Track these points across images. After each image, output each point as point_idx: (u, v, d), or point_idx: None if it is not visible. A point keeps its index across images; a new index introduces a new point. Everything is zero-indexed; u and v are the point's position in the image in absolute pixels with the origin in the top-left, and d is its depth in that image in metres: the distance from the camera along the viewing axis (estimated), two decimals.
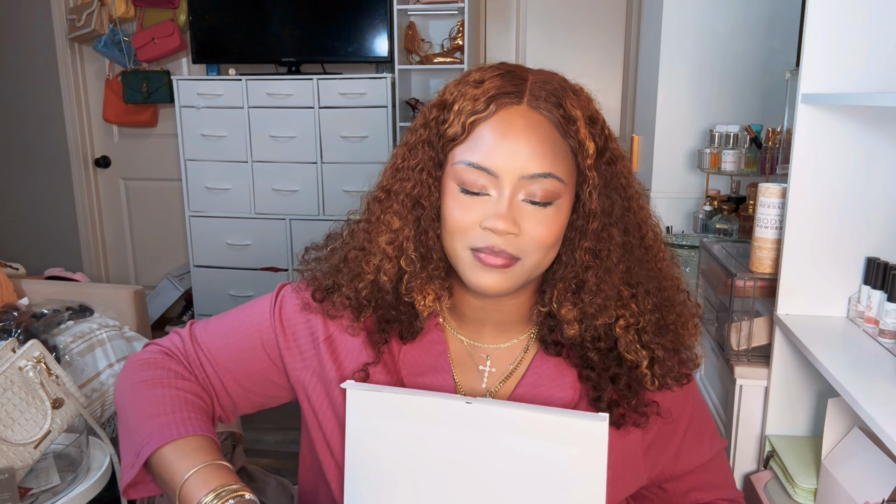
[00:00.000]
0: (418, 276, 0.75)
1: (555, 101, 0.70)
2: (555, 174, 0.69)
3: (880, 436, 0.91)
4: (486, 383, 0.81)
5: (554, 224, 0.71)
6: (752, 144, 2.12)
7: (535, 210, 0.70)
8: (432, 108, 0.75)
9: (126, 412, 0.80)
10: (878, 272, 1.23)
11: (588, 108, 0.72)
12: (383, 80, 3.04)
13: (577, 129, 0.70)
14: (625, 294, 0.74)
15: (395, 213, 0.75)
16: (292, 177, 3.20)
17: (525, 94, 0.70)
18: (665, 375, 0.76)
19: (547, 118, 0.70)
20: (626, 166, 0.75)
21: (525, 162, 0.68)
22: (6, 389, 1.33)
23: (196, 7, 3.22)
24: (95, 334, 2.17)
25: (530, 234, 0.70)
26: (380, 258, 0.76)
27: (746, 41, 2.27)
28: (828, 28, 1.23)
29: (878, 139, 1.25)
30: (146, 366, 0.83)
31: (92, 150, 3.81)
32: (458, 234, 0.71)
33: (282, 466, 2.54)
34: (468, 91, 0.71)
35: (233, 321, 0.86)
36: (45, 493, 1.35)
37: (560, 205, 0.71)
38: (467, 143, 0.70)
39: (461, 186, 0.70)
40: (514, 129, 0.69)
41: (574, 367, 0.78)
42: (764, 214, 1.40)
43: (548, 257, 0.73)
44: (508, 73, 0.72)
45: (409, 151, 0.75)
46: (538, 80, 0.72)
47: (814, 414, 1.40)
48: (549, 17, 3.34)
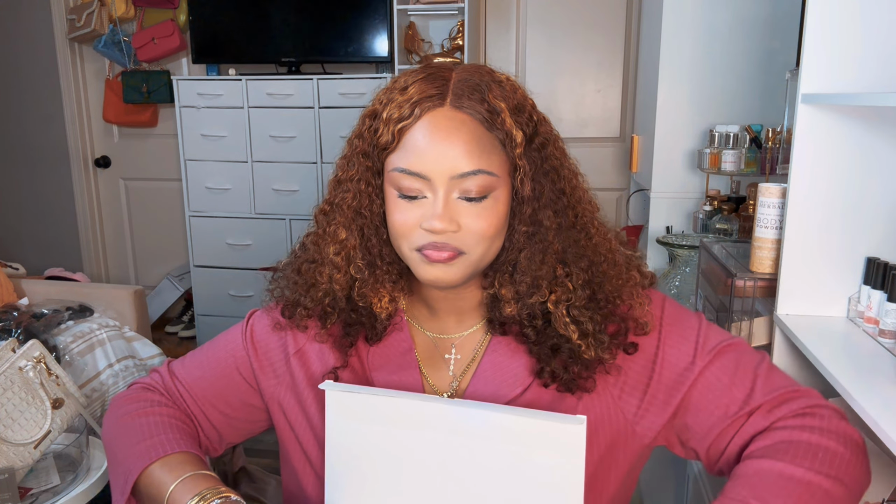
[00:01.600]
0: (367, 283, 0.79)
1: (478, 96, 0.72)
2: (484, 169, 0.71)
3: (880, 436, 0.92)
4: (453, 370, 0.83)
5: (492, 215, 0.73)
6: (752, 144, 2.12)
7: (471, 205, 0.72)
8: (364, 118, 0.78)
9: (113, 445, 0.84)
10: (878, 272, 1.24)
11: (513, 98, 0.74)
12: (383, 81, 3.04)
13: (502, 120, 0.72)
14: (559, 273, 0.77)
15: (339, 224, 0.79)
16: (292, 177, 3.20)
17: (448, 94, 0.72)
18: (602, 346, 0.77)
19: (471, 115, 0.71)
20: (559, 148, 0.78)
21: (453, 162, 0.70)
22: (6, 389, 1.33)
23: (196, 7, 3.22)
24: (95, 334, 2.17)
25: (470, 228, 0.72)
26: (330, 269, 0.80)
27: (746, 41, 2.27)
28: (828, 28, 1.23)
29: (878, 139, 1.25)
30: (128, 401, 0.88)
31: (92, 150, 3.81)
32: (402, 237, 0.75)
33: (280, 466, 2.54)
34: (395, 97, 0.73)
35: (207, 352, 0.92)
36: (45, 493, 1.36)
37: (496, 196, 0.73)
38: (398, 150, 0.73)
39: (399, 192, 0.74)
40: (440, 131, 0.71)
41: (522, 345, 0.81)
42: (764, 214, 1.40)
43: (493, 247, 0.76)
44: (431, 76, 0.74)
45: (348, 163, 0.79)
46: (461, 78, 0.74)
47: None
48: (549, 18, 3.34)
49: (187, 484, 0.74)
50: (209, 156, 3.26)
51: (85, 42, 3.59)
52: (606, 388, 0.79)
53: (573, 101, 3.39)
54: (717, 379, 0.78)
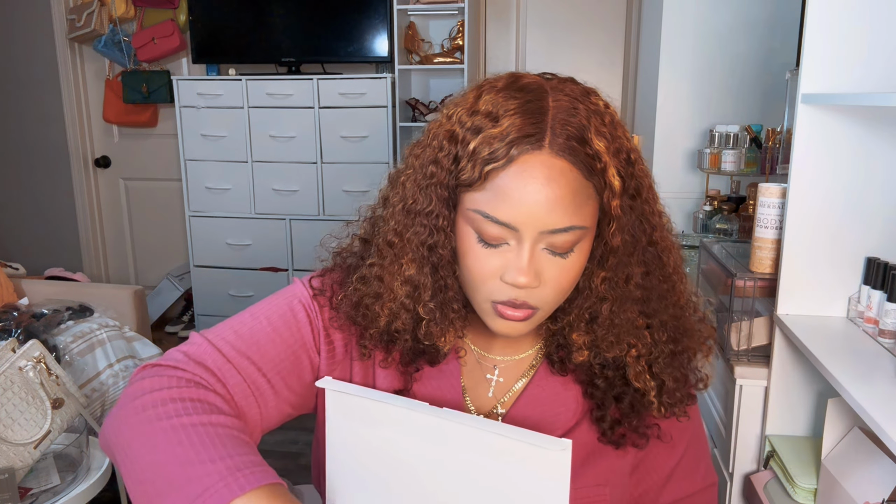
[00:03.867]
0: (437, 323, 0.72)
1: (579, 137, 0.63)
2: (577, 225, 0.64)
3: (880, 436, 0.91)
4: (493, 392, 0.79)
5: (574, 268, 0.67)
6: (752, 144, 2.12)
7: (554, 259, 0.66)
8: (443, 142, 0.68)
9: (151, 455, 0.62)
10: (878, 272, 1.24)
11: (612, 134, 0.66)
12: (383, 80, 3.04)
13: (603, 167, 0.64)
14: (640, 324, 0.71)
15: (410, 260, 0.70)
16: (292, 177, 3.20)
17: (546, 134, 0.63)
18: (673, 405, 0.74)
19: (571, 163, 0.63)
20: (651, 193, 0.71)
21: (548, 217, 0.63)
22: (6, 389, 1.33)
23: (196, 7, 3.22)
24: (95, 334, 2.17)
25: (551, 283, 0.67)
26: (396, 307, 0.72)
27: (746, 41, 2.27)
28: (828, 28, 1.23)
29: (878, 139, 1.25)
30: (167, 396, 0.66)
31: (92, 150, 3.81)
32: (476, 285, 0.68)
33: (282, 466, 2.54)
34: (483, 126, 0.64)
35: (260, 325, 0.76)
36: (45, 493, 1.36)
37: (581, 246, 0.67)
38: (484, 191, 0.64)
39: (478, 235, 0.66)
40: (536, 180, 0.62)
41: (579, 384, 0.77)
42: (764, 214, 1.40)
43: (566, 297, 0.71)
44: (527, 107, 0.64)
45: (421, 192, 0.69)
46: (559, 112, 0.64)
47: (814, 414, 1.40)
48: (549, 17, 3.34)
49: None
50: (209, 156, 3.26)
51: (85, 42, 3.59)
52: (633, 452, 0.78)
53: None
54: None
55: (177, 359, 0.71)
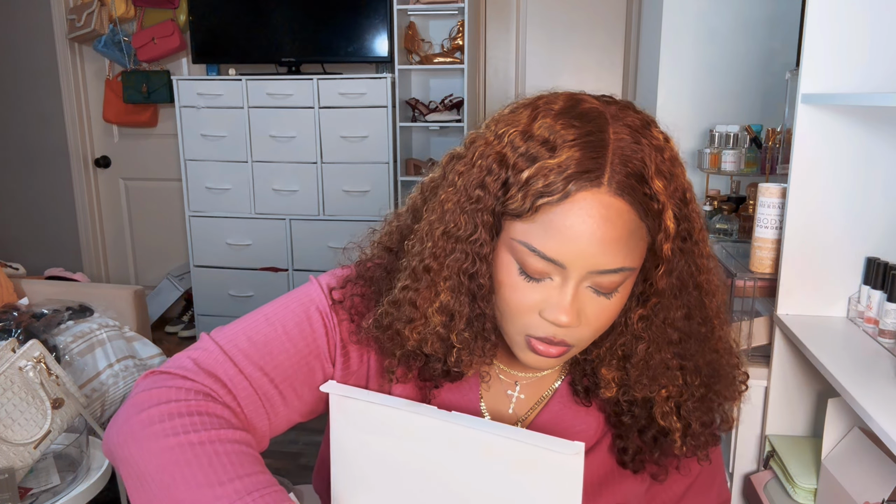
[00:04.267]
0: (471, 353, 0.69)
1: (638, 176, 0.60)
2: (628, 267, 0.62)
3: (880, 436, 0.91)
4: (514, 408, 0.78)
5: (615, 308, 0.65)
6: (752, 144, 2.11)
7: (597, 298, 0.63)
8: (492, 164, 0.63)
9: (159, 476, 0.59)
10: (878, 272, 1.24)
11: (672, 173, 0.62)
12: (383, 80, 3.04)
13: (660, 208, 0.61)
14: (673, 365, 0.68)
15: (447, 288, 0.66)
16: (292, 177, 3.20)
17: (605, 171, 0.59)
18: (698, 447, 0.72)
19: (628, 203, 0.60)
20: (702, 235, 0.67)
21: (597, 257, 0.60)
22: (6, 389, 1.33)
23: (196, 7, 3.22)
24: (95, 334, 2.17)
25: (590, 323, 0.64)
26: (428, 334, 0.68)
27: (746, 41, 2.27)
28: (828, 28, 1.23)
29: (878, 139, 1.25)
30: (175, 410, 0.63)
31: (92, 150, 3.81)
32: (513, 317, 0.65)
33: (281, 466, 2.54)
34: (539, 156, 0.60)
35: (273, 330, 0.72)
36: (45, 493, 1.36)
37: (625, 287, 0.64)
38: (533, 223, 0.60)
39: (520, 267, 0.63)
40: (591, 220, 0.59)
41: (601, 412, 0.76)
42: (764, 214, 1.40)
43: (601, 334, 0.69)
44: (587, 139, 0.60)
45: (464, 216, 0.64)
46: (620, 146, 0.61)
47: (814, 414, 1.40)
48: (549, 17, 3.34)
49: None
50: (209, 156, 3.25)
51: (85, 42, 3.59)
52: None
53: None
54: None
55: (185, 367, 0.68)
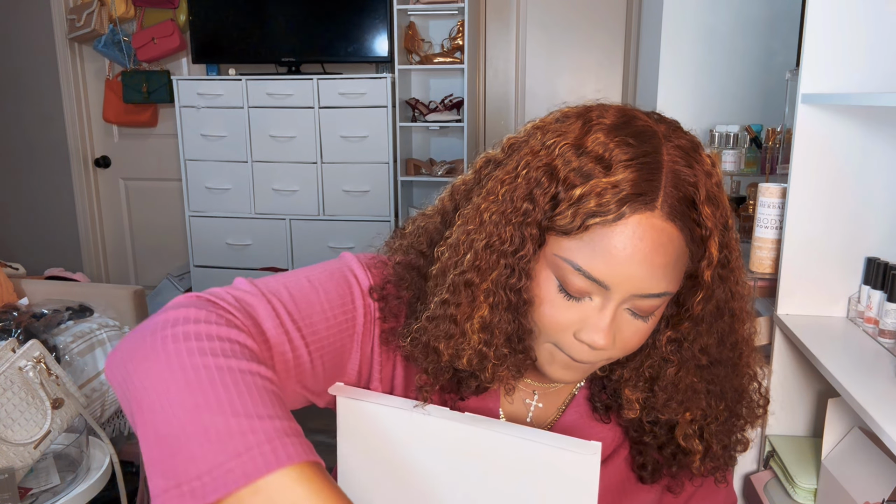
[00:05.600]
0: (508, 367, 0.66)
1: (689, 201, 0.59)
2: (670, 291, 0.61)
3: (880, 436, 0.91)
4: (532, 417, 0.76)
5: (648, 331, 0.64)
6: (752, 144, 2.11)
7: (634, 320, 0.62)
8: (542, 177, 0.61)
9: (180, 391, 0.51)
10: (878, 272, 1.24)
11: (720, 200, 0.62)
12: (383, 80, 3.04)
13: (707, 235, 0.60)
14: (700, 388, 0.67)
15: (487, 302, 0.63)
16: (292, 177, 3.20)
17: (659, 194, 0.58)
18: (716, 469, 0.72)
19: (679, 228, 0.59)
20: (739, 262, 0.66)
21: (644, 281, 0.59)
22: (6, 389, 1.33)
23: (196, 7, 3.22)
24: (95, 334, 2.17)
25: (622, 345, 0.63)
26: (464, 348, 0.64)
27: (746, 41, 2.27)
28: (828, 28, 1.23)
29: (878, 139, 1.25)
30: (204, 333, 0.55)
31: (92, 150, 3.81)
32: (548, 335, 0.64)
33: None
34: (593, 174, 0.58)
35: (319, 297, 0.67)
36: (45, 493, 1.35)
37: (661, 308, 0.63)
38: (581, 241, 0.59)
39: (561, 285, 0.61)
40: (643, 243, 0.58)
41: (620, 427, 0.75)
42: (764, 214, 1.40)
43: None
44: (643, 160, 0.58)
45: (511, 228, 0.61)
46: (674, 169, 0.59)
47: (814, 414, 1.40)
48: (549, 17, 3.34)
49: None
50: (209, 156, 3.25)
51: (85, 42, 3.59)
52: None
53: (573, 101, 3.38)
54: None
55: (225, 299, 0.61)
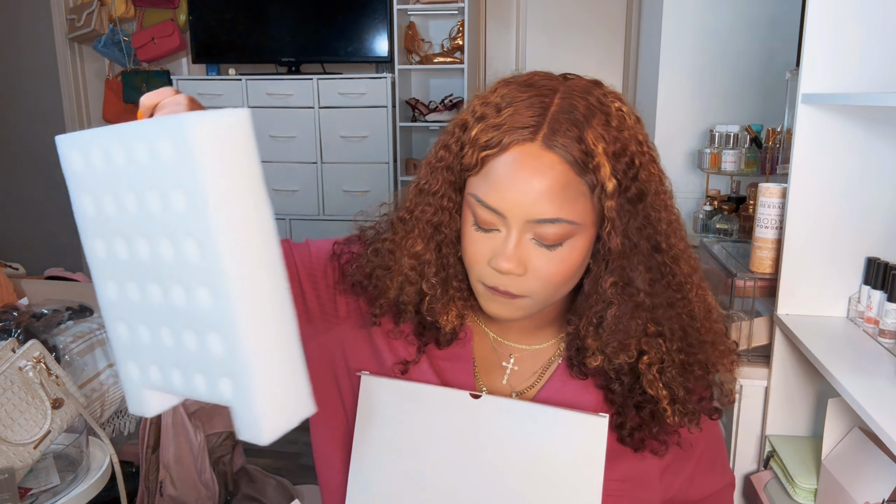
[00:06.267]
0: (438, 299, 0.75)
1: (575, 133, 0.64)
2: (564, 218, 0.65)
3: (880, 436, 0.92)
4: (508, 380, 0.80)
5: (563, 264, 0.68)
6: (752, 144, 2.12)
7: (543, 250, 0.67)
8: (454, 128, 0.72)
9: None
10: (878, 272, 1.24)
11: (617, 137, 0.66)
12: (383, 80, 3.04)
13: (596, 165, 0.64)
14: (651, 331, 0.71)
15: (417, 236, 0.74)
16: (292, 177, 3.20)
17: (542, 127, 0.64)
18: (686, 414, 0.74)
19: (562, 157, 0.64)
20: (659, 200, 0.70)
21: (533, 206, 0.64)
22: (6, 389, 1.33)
23: (196, 7, 3.21)
24: (95, 334, 2.17)
25: (537, 273, 0.68)
26: (402, 280, 0.76)
27: (746, 41, 2.27)
28: (828, 28, 1.23)
29: (878, 139, 1.25)
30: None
31: None
32: (470, 266, 0.71)
33: (281, 466, 2.54)
34: (488, 114, 0.67)
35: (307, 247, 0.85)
36: (45, 493, 1.35)
37: (573, 244, 0.67)
38: (480, 176, 0.67)
39: (475, 220, 0.69)
40: (524, 170, 0.64)
41: (599, 389, 0.77)
42: (764, 214, 1.40)
43: (562, 290, 0.71)
44: (531, 100, 0.66)
45: (432, 174, 0.73)
46: (562, 107, 0.65)
47: (814, 414, 1.40)
48: (550, 17, 3.34)
49: None
50: None
51: (85, 42, 3.59)
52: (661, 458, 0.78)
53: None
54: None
55: None
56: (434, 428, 0.75)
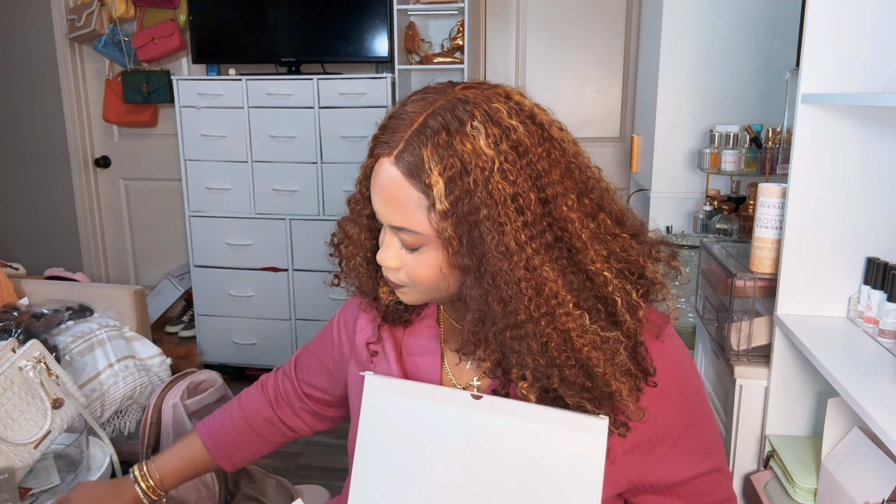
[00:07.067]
0: (371, 277, 0.87)
1: (418, 152, 0.69)
2: (409, 228, 0.72)
3: (880, 436, 0.92)
4: (471, 365, 0.85)
5: (425, 266, 0.74)
6: (752, 144, 2.12)
7: (407, 252, 0.75)
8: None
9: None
10: (878, 272, 1.24)
11: (462, 159, 0.67)
12: (383, 81, 3.04)
13: (429, 183, 0.68)
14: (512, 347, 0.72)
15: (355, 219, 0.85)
16: (292, 177, 3.20)
17: (399, 143, 0.71)
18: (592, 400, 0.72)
19: (403, 174, 0.70)
20: (489, 222, 0.68)
21: (385, 213, 0.74)
22: (6, 389, 1.33)
23: (196, 7, 3.21)
24: (95, 334, 2.17)
25: (406, 270, 0.76)
26: (354, 266, 0.88)
27: (746, 41, 2.27)
28: (828, 28, 1.23)
29: (878, 139, 1.25)
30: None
31: (92, 150, 3.80)
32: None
33: (282, 466, 2.54)
34: (384, 125, 0.75)
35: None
36: (45, 493, 1.35)
37: (428, 251, 0.73)
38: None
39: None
40: (377, 182, 0.73)
41: None
42: (764, 214, 1.40)
43: (440, 288, 0.76)
44: (402, 118, 0.73)
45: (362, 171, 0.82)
46: (422, 124, 0.71)
47: (814, 414, 1.40)
48: (550, 18, 3.34)
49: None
50: (209, 156, 3.25)
51: (85, 42, 3.59)
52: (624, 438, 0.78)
53: (573, 101, 3.39)
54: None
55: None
56: (435, 428, 0.77)
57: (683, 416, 0.81)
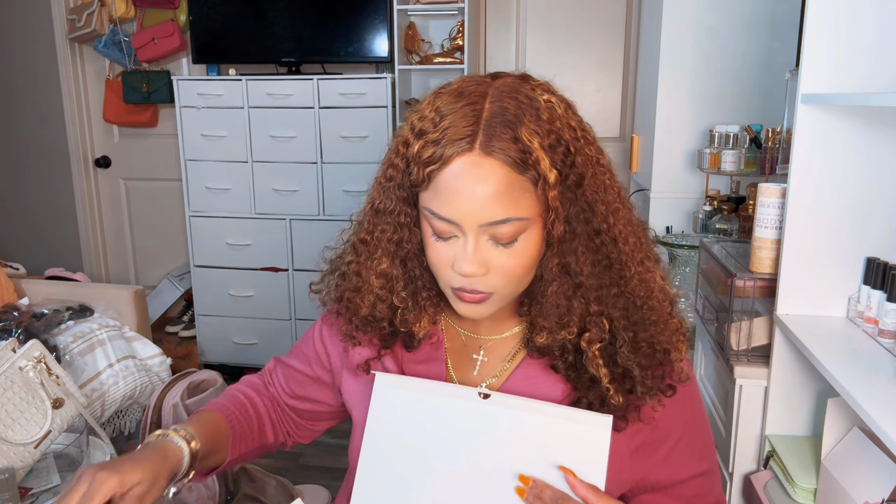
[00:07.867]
0: (412, 311, 0.81)
1: (510, 135, 0.68)
2: (514, 217, 0.69)
3: (880, 436, 0.92)
4: (478, 371, 0.85)
5: (522, 256, 0.72)
6: (752, 144, 2.12)
7: (499, 248, 0.71)
8: (398, 146, 0.75)
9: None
10: (878, 272, 1.24)
11: (550, 129, 0.69)
12: (383, 81, 3.04)
13: (535, 160, 0.68)
14: (593, 310, 0.75)
15: (381, 255, 0.79)
16: (292, 177, 3.20)
17: (478, 135, 0.68)
18: (647, 393, 0.76)
19: (502, 161, 0.67)
20: (597, 181, 0.73)
21: (482, 211, 0.68)
22: (6, 389, 1.33)
23: (196, 7, 3.21)
24: (95, 334, 2.17)
25: (499, 270, 0.72)
26: (373, 298, 0.81)
27: (746, 41, 2.27)
28: (828, 28, 1.23)
29: (878, 139, 1.25)
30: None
31: (92, 150, 3.80)
32: (438, 274, 0.76)
33: (282, 466, 2.54)
34: (427, 129, 0.70)
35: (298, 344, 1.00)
36: (45, 493, 1.36)
37: (527, 237, 0.72)
38: (429, 190, 0.71)
39: (432, 230, 0.73)
40: (468, 179, 0.68)
41: (559, 372, 0.80)
42: (764, 214, 1.40)
43: (525, 280, 0.75)
44: (464, 110, 0.69)
45: (385, 193, 0.78)
46: (493, 111, 0.69)
47: (814, 414, 1.40)
48: (550, 18, 3.34)
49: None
50: (209, 156, 3.25)
51: (85, 42, 3.59)
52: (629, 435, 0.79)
53: (573, 101, 3.39)
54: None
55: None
56: (443, 425, 0.77)
57: (682, 418, 0.83)
